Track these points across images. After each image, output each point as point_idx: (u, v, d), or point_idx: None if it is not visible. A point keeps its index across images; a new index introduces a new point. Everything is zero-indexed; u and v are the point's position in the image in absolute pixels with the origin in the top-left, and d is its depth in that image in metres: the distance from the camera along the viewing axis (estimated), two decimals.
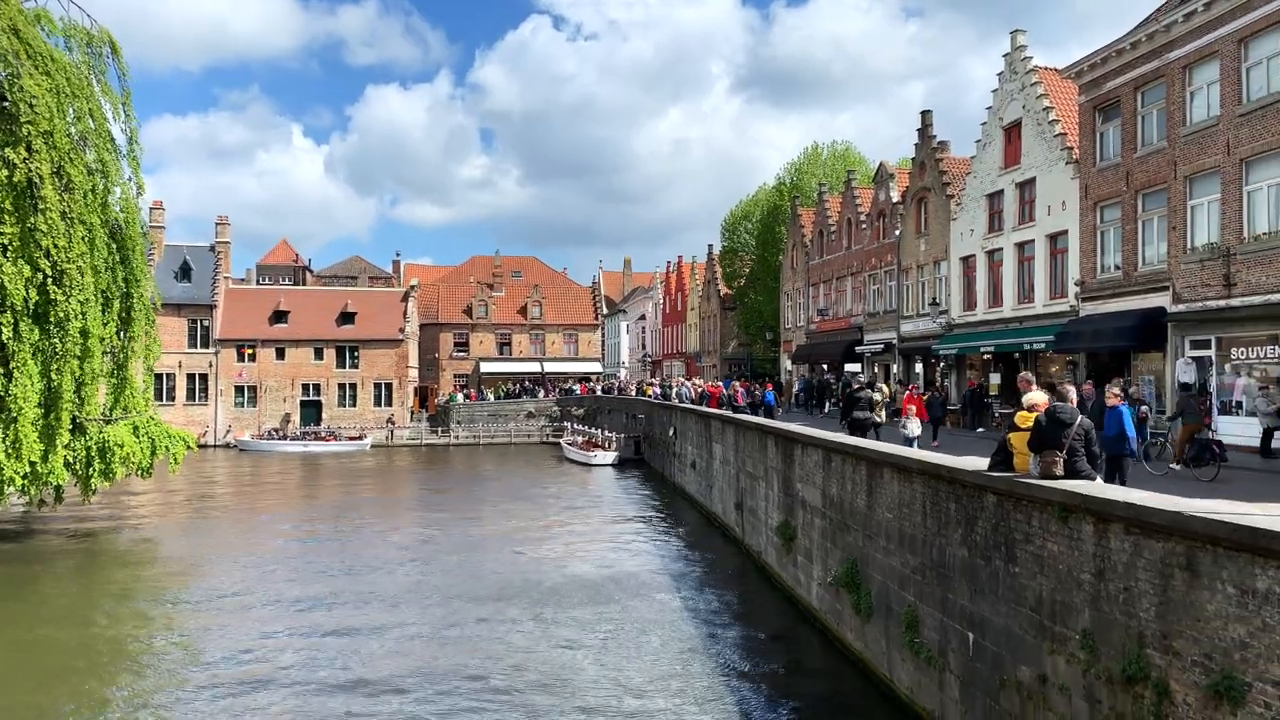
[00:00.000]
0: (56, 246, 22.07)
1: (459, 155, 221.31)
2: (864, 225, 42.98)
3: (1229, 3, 20.70)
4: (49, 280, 22.18)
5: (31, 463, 22.47)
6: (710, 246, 69.49)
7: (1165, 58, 22.92)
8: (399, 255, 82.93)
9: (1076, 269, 26.99)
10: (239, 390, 64.81)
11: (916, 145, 38.15)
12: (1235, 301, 20.69)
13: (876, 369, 41.25)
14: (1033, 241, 29.69)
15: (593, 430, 55.86)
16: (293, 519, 32.31)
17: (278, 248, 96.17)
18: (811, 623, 17.05)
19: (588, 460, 49.48)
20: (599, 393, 66.91)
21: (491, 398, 71.85)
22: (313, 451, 58.81)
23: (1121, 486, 10.71)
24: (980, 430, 28.89)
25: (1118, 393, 14.64)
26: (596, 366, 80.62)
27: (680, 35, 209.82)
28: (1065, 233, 27.79)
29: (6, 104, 22.36)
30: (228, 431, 63.00)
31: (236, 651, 15.94)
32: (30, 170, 21.67)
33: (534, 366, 77.24)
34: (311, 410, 65.76)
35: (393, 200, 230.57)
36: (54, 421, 22.97)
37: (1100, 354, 26.00)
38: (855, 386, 23.66)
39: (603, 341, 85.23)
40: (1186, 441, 17.49)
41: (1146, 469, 17.85)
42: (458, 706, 13.29)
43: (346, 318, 67.40)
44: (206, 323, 64.02)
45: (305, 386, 66.15)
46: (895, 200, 40.09)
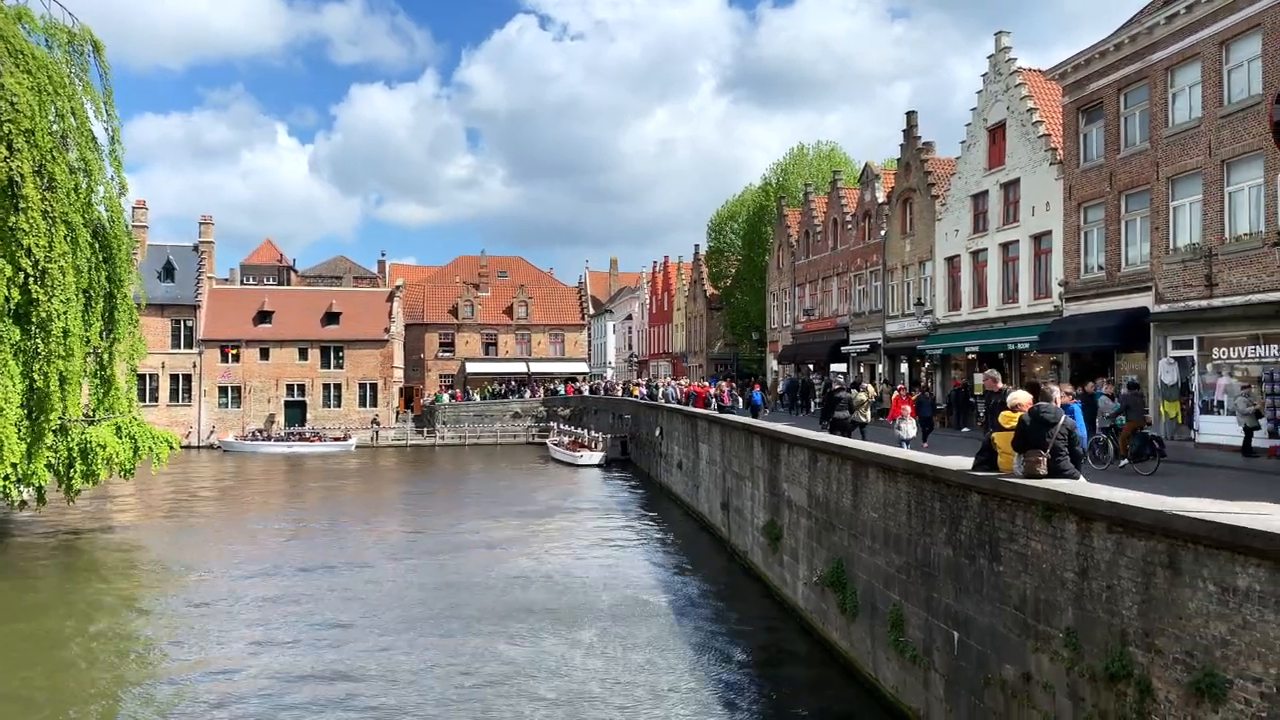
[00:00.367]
0: (38, 246, 21.87)
1: (444, 155, 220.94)
2: (849, 226, 43.11)
3: (1210, 5, 20.88)
4: (30, 279, 21.96)
5: (13, 464, 22.28)
6: (696, 247, 69.76)
7: (1148, 60, 23.09)
8: (384, 255, 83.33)
9: (1060, 269, 27.15)
10: (223, 391, 64.44)
11: (902, 146, 38.31)
12: (1217, 302, 20.86)
13: (862, 369, 41.38)
14: (1017, 242, 29.86)
15: (579, 430, 55.84)
16: (276, 520, 32.14)
17: (262, 247, 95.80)
18: (797, 622, 17.10)
19: (574, 461, 49.42)
20: (585, 393, 66.88)
21: (477, 398, 71.65)
22: (297, 452, 58.49)
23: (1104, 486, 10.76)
24: (965, 430, 29.00)
25: (1069, 389, 14.78)
26: (583, 367, 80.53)
27: (667, 35, 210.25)
28: (1049, 233, 27.96)
29: None
30: (211, 432, 62.60)
31: (212, 656, 15.88)
32: (11, 169, 21.48)
33: (520, 367, 77.08)
34: (296, 411, 65.43)
35: (378, 200, 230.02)
36: (36, 422, 22.80)
37: (1084, 354, 26.16)
38: (836, 387, 23.64)
39: (589, 342, 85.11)
40: (1129, 436, 17.63)
41: (1089, 465, 17.93)
42: (445, 698, 13.28)
43: (331, 318, 67.10)
44: (190, 323, 63.60)
45: (290, 387, 65.81)
46: (881, 201, 40.23)
